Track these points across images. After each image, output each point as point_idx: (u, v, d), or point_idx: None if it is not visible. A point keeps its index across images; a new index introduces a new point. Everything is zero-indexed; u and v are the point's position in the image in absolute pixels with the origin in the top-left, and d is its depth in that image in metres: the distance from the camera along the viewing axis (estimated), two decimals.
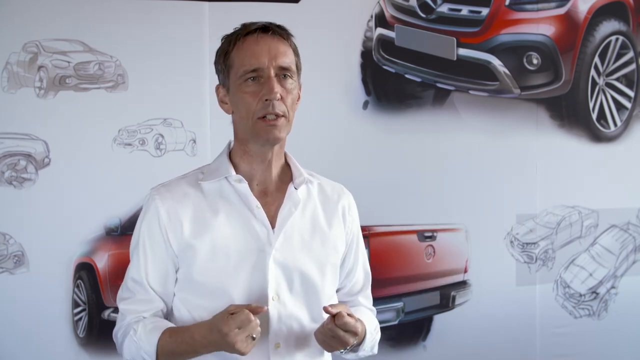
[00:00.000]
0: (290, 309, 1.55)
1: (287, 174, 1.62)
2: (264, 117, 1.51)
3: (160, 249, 1.55)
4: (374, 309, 1.78)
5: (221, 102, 1.61)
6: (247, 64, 1.52)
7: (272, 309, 1.53)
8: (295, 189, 1.59)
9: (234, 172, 1.57)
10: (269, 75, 1.51)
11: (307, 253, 1.58)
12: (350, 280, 1.72)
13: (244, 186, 1.56)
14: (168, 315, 1.60)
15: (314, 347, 1.59)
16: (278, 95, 1.50)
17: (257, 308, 1.44)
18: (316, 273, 1.58)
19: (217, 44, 1.60)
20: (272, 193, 1.59)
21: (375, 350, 1.70)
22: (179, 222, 1.54)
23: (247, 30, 1.54)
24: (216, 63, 1.60)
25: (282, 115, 1.52)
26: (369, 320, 1.66)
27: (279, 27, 1.57)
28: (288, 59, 1.54)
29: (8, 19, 2.62)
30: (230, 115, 1.60)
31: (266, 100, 1.50)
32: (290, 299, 1.55)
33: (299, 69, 1.58)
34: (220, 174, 1.57)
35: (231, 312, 1.43)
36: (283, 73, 1.53)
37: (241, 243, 1.53)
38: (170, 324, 1.55)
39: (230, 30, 1.59)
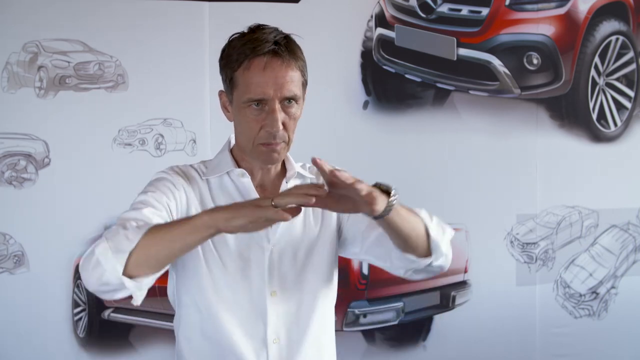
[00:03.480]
0: (289, 304, 1.56)
1: (283, 170, 1.63)
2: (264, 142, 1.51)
3: (169, 195, 1.51)
4: None
5: (224, 108, 1.60)
6: (252, 93, 1.49)
7: (271, 304, 1.54)
8: (286, 182, 1.60)
9: (236, 167, 1.58)
10: (273, 108, 1.49)
11: (306, 246, 1.59)
12: (361, 221, 1.61)
13: (247, 181, 1.57)
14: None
15: (315, 340, 1.60)
16: (281, 127, 1.50)
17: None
18: (315, 266, 1.59)
19: (217, 43, 1.59)
20: (271, 190, 1.60)
21: (450, 255, 1.56)
22: (187, 199, 1.54)
23: (256, 53, 1.49)
24: (220, 70, 1.57)
25: (283, 141, 1.52)
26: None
27: (289, 48, 1.51)
28: (294, 87, 1.51)
29: (8, 19, 2.62)
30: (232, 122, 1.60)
31: (268, 131, 1.50)
32: (289, 294, 1.56)
33: (304, 85, 1.56)
34: (223, 169, 1.59)
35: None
36: (288, 100, 1.51)
37: (240, 238, 1.54)
38: None
39: (231, 31, 1.55)
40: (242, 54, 1.50)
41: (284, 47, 1.50)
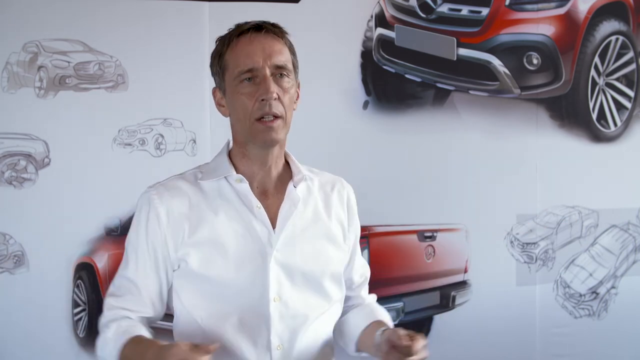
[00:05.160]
0: (292, 310, 1.54)
1: (287, 173, 1.61)
2: (261, 118, 1.50)
3: (159, 251, 1.53)
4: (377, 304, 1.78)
5: (218, 105, 1.59)
6: (242, 65, 1.50)
7: (274, 310, 1.52)
8: (294, 187, 1.59)
9: (234, 172, 1.55)
10: (264, 75, 1.49)
11: (310, 252, 1.57)
12: (349, 272, 1.70)
13: (245, 186, 1.54)
14: (157, 320, 1.59)
15: (317, 346, 1.58)
16: (275, 95, 1.49)
17: (209, 348, 1.33)
18: (320, 272, 1.57)
19: None
20: (272, 194, 1.58)
21: None
22: (179, 222, 1.52)
23: (240, 31, 1.53)
24: (211, 66, 1.58)
25: (279, 117, 1.51)
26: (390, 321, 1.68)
27: (273, 25, 1.55)
28: (284, 57, 1.52)
29: (8, 19, 2.62)
30: (228, 117, 1.59)
31: (262, 100, 1.49)
32: (293, 300, 1.54)
33: (295, 68, 1.56)
34: (220, 173, 1.56)
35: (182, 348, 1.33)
36: (279, 72, 1.51)
37: (241, 244, 1.52)
38: (143, 333, 1.50)
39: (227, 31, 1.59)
40: (228, 38, 1.54)
41: (269, 25, 1.54)
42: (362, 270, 1.75)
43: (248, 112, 1.50)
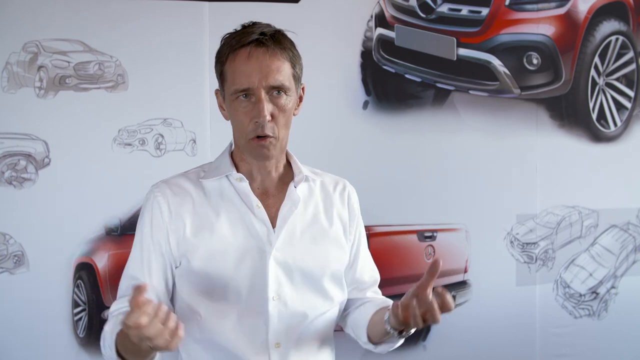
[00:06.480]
0: (291, 308, 1.55)
1: (289, 174, 1.62)
2: (255, 137, 1.51)
3: (163, 246, 1.55)
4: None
5: (220, 107, 1.61)
6: (238, 83, 1.50)
7: (272, 308, 1.53)
8: (295, 187, 1.59)
9: (235, 171, 1.57)
10: (259, 97, 1.49)
11: (310, 252, 1.57)
12: (353, 272, 1.71)
13: (245, 185, 1.56)
14: None
15: (315, 346, 1.59)
16: (268, 118, 1.49)
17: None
18: (319, 271, 1.58)
19: (217, 44, 1.60)
20: (273, 194, 1.59)
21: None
22: (181, 218, 1.54)
23: (241, 44, 1.50)
24: (214, 68, 1.59)
25: (272, 136, 1.51)
26: None
27: (275, 38, 1.52)
28: (281, 76, 1.50)
29: (8, 19, 2.62)
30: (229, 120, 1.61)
31: (256, 122, 1.49)
32: (292, 298, 1.55)
33: (296, 79, 1.55)
34: (222, 172, 1.58)
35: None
36: (276, 90, 1.51)
37: (241, 242, 1.53)
38: None
39: (229, 30, 1.58)
40: (229, 47, 1.52)
41: (270, 38, 1.50)
42: (371, 272, 1.75)
43: (243, 131, 1.52)
